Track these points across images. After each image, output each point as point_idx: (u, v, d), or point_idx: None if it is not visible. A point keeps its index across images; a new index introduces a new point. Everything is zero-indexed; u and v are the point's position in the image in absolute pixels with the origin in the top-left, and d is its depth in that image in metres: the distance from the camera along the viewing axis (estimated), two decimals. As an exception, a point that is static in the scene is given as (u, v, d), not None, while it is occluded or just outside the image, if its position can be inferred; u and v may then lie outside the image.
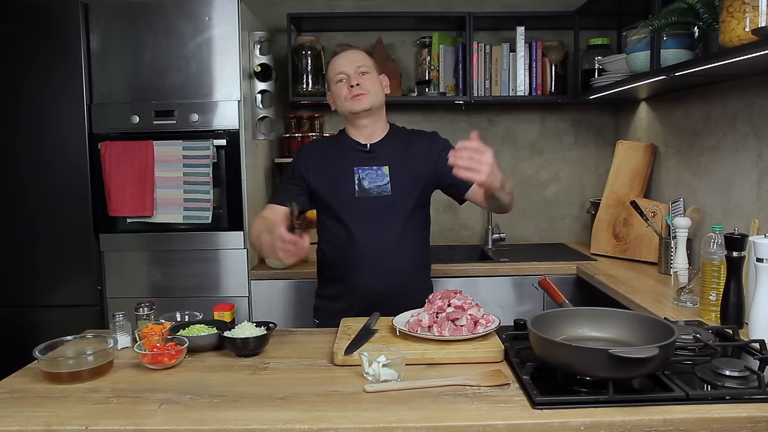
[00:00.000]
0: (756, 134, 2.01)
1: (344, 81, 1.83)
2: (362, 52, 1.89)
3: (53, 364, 1.34)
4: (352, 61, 1.84)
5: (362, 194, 1.84)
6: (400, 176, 1.86)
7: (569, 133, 3.24)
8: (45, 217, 2.55)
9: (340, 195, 1.85)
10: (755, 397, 1.16)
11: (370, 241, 1.84)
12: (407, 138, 1.94)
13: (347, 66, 1.83)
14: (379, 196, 1.84)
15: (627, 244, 2.69)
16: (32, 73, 2.50)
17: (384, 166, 1.87)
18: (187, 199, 2.52)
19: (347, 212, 1.85)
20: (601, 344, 1.34)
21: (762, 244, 1.46)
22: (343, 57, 1.85)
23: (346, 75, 1.82)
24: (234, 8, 2.52)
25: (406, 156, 1.88)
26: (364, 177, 1.85)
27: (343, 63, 1.84)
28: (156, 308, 1.70)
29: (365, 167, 1.86)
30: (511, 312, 2.58)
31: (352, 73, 1.82)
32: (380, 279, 1.84)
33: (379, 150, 1.88)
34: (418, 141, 1.93)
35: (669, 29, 1.95)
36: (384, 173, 1.86)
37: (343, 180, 1.85)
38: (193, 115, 2.53)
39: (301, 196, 1.88)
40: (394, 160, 1.87)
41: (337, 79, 1.84)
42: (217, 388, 1.29)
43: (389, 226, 1.85)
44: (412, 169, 1.87)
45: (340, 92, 1.84)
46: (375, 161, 1.87)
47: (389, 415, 1.13)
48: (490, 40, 3.07)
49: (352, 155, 1.88)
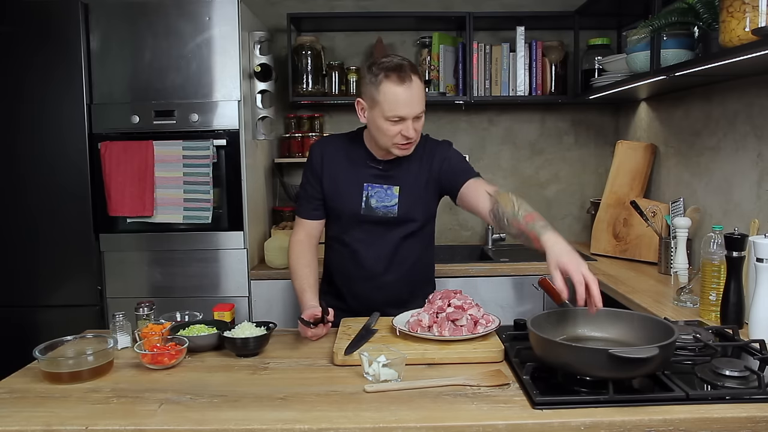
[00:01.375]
0: (756, 134, 2.01)
1: (398, 123, 1.64)
2: (421, 85, 1.66)
3: (53, 364, 1.35)
4: (414, 105, 1.64)
5: (367, 212, 1.78)
6: (409, 198, 1.78)
7: (569, 133, 3.24)
8: (45, 217, 2.55)
9: (345, 208, 1.80)
10: (755, 397, 1.16)
11: (370, 258, 1.81)
12: (422, 152, 1.80)
13: (409, 110, 1.63)
14: (385, 217, 1.78)
15: (627, 244, 2.69)
16: (32, 73, 2.50)
17: (395, 186, 1.78)
18: (187, 199, 2.52)
19: (349, 227, 1.81)
20: (601, 344, 1.34)
21: (762, 244, 1.46)
22: (407, 94, 1.62)
23: (403, 120, 1.64)
24: (234, 8, 2.51)
25: (418, 175, 1.79)
26: (372, 195, 1.78)
27: (406, 104, 1.62)
28: (156, 308, 1.70)
29: (375, 185, 1.78)
30: (511, 312, 2.58)
31: (411, 119, 1.64)
32: (381, 292, 1.82)
33: (391, 169, 1.79)
34: (431, 155, 1.81)
35: (669, 29, 1.95)
36: (393, 194, 1.78)
37: (351, 193, 1.79)
38: (193, 115, 2.53)
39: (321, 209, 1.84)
40: (406, 180, 1.78)
41: (393, 117, 1.63)
42: (217, 388, 1.29)
43: (392, 245, 1.81)
44: (423, 189, 1.79)
45: (389, 131, 1.65)
46: (386, 180, 1.78)
47: (389, 415, 1.13)
48: (490, 40, 3.07)
49: (364, 169, 1.79)
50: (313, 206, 1.84)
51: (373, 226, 1.80)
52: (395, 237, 1.81)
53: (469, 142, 3.20)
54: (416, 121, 1.67)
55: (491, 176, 3.21)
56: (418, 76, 1.66)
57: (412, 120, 1.65)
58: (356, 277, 1.84)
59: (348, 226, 1.82)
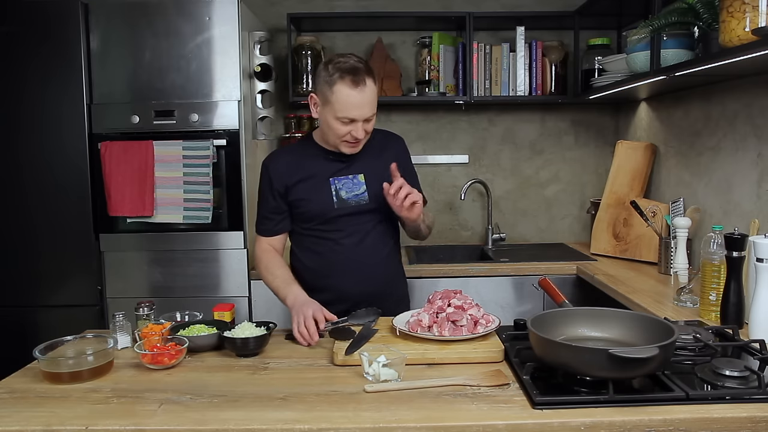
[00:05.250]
0: (756, 134, 2.01)
1: (348, 124, 1.69)
2: (374, 88, 1.70)
3: (53, 364, 1.35)
4: (365, 108, 1.68)
5: (341, 205, 1.81)
6: (375, 183, 1.80)
7: (569, 133, 3.24)
8: (45, 217, 2.55)
9: (319, 208, 1.81)
10: (755, 397, 1.16)
11: (352, 250, 1.82)
12: (379, 142, 1.88)
13: (359, 112, 1.67)
14: (358, 205, 1.82)
15: (627, 244, 2.69)
16: (32, 73, 2.50)
17: (359, 174, 1.83)
18: (187, 199, 2.52)
19: (327, 224, 1.82)
20: (601, 344, 1.34)
21: (762, 244, 1.46)
22: (359, 97, 1.66)
23: (354, 121, 1.69)
24: (234, 8, 2.51)
25: (379, 161, 1.82)
26: (341, 187, 1.81)
27: (357, 107, 1.66)
28: (156, 308, 1.70)
29: (341, 177, 1.82)
30: (511, 312, 2.58)
31: (360, 122, 1.69)
32: (364, 284, 1.83)
33: (352, 158, 1.81)
34: (389, 145, 1.90)
35: (669, 29, 1.95)
36: (360, 181, 1.82)
37: (321, 192, 1.80)
38: (193, 115, 2.53)
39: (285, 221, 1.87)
40: (368, 166, 1.83)
41: (342, 117, 1.68)
42: (217, 388, 1.29)
43: (370, 233, 1.84)
44: (386, 174, 1.76)
45: (338, 130, 1.70)
46: (350, 170, 1.82)
47: (389, 415, 1.13)
48: (490, 40, 3.07)
49: (325, 165, 1.82)
50: (275, 222, 1.86)
51: (348, 218, 1.82)
52: (369, 225, 1.84)
53: (469, 142, 3.20)
54: (366, 122, 1.72)
55: (491, 176, 3.21)
56: (373, 78, 1.70)
57: (363, 122, 1.70)
58: (338, 272, 1.83)
59: (326, 224, 1.83)
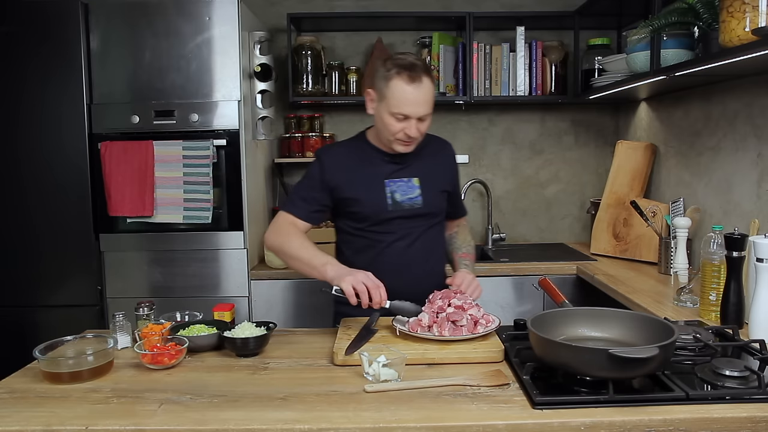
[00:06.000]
0: (756, 134, 2.01)
1: (402, 121, 1.67)
2: (431, 87, 1.68)
3: (53, 364, 1.35)
4: (420, 106, 1.66)
5: (395, 207, 1.78)
6: (429, 187, 1.82)
7: (569, 133, 3.24)
8: (45, 217, 2.55)
9: (373, 209, 1.78)
10: (755, 397, 1.16)
11: (403, 252, 1.81)
12: (432, 146, 1.88)
13: (414, 109, 1.65)
14: (411, 209, 1.80)
15: (627, 244, 2.69)
16: (32, 73, 2.50)
17: (414, 177, 1.81)
18: (187, 199, 2.52)
19: (380, 225, 1.80)
20: (601, 344, 1.34)
21: (762, 244, 1.46)
22: (414, 93, 1.64)
23: (407, 118, 1.67)
24: (234, 8, 2.51)
25: (434, 165, 1.85)
26: (395, 190, 1.79)
27: (412, 103, 1.65)
28: (156, 308, 1.70)
29: (396, 179, 1.80)
30: (511, 312, 2.58)
31: (416, 119, 1.67)
32: (412, 286, 1.76)
33: (408, 161, 1.80)
34: (441, 150, 1.92)
35: (669, 29, 1.95)
36: (414, 185, 1.80)
37: (375, 193, 1.78)
38: (193, 115, 2.53)
39: (321, 213, 1.83)
40: (423, 170, 1.82)
41: (396, 113, 1.66)
42: (217, 388, 1.29)
43: (421, 237, 1.82)
44: (439, 179, 1.85)
45: (393, 127, 1.68)
46: (405, 172, 1.81)
47: (389, 415, 1.13)
48: (490, 40, 3.07)
49: (381, 166, 1.80)
50: (312, 209, 1.81)
51: (400, 220, 1.80)
52: (420, 229, 1.83)
53: (469, 142, 3.20)
54: (421, 121, 1.69)
55: (491, 176, 3.21)
56: (430, 78, 1.68)
57: (417, 120, 1.67)
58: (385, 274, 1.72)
59: (378, 226, 1.80)
